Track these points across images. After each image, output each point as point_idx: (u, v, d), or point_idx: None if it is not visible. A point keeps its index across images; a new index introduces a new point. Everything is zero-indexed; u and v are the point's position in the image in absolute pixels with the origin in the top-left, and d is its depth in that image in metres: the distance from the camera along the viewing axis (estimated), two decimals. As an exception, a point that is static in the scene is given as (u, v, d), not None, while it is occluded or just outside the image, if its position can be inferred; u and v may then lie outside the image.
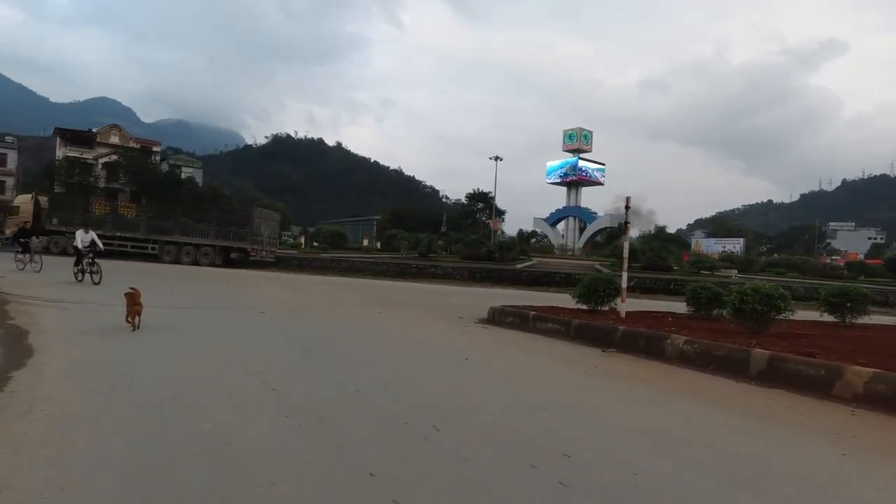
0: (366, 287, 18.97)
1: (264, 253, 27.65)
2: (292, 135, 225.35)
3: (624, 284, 9.29)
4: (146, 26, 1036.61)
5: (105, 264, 13.63)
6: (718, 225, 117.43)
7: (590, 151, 54.15)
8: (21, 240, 17.43)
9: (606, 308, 9.61)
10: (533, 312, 9.22)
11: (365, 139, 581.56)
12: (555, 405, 4.49)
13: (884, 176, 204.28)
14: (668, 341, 6.79)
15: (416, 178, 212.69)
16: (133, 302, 7.02)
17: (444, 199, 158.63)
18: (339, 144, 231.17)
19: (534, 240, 60.90)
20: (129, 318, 7.00)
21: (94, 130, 62.03)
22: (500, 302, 15.22)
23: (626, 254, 9.58)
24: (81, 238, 13.43)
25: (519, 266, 31.37)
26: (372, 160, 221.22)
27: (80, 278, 12.91)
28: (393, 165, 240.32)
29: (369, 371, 5.36)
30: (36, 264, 16.08)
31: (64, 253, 27.24)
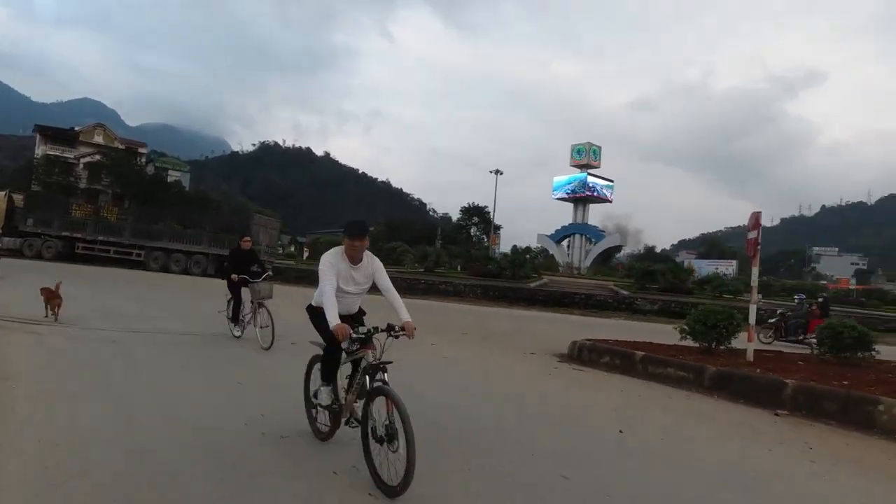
0: (385, 305, 17.00)
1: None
2: (280, 143, 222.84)
3: (752, 319, 7.50)
4: (136, 30, 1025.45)
5: (84, 270, 11.42)
6: (710, 246, 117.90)
7: (598, 167, 52.96)
8: None
9: (723, 347, 7.80)
10: (641, 353, 7.36)
11: (352, 149, 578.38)
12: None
13: (861, 203, 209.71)
14: (881, 408, 5.00)
15: (404, 190, 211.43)
16: (51, 297, 7.52)
17: (431, 213, 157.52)
18: (327, 154, 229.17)
19: (528, 256, 59.44)
20: (49, 311, 7.47)
21: (76, 129, 59.11)
22: (541, 327, 13.45)
23: (754, 281, 7.75)
24: None
25: (532, 285, 29.64)
26: (360, 171, 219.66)
27: None
28: (380, 177, 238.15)
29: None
30: None
31: (38, 256, 24.65)
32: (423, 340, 8.98)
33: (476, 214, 76.75)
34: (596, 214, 55.86)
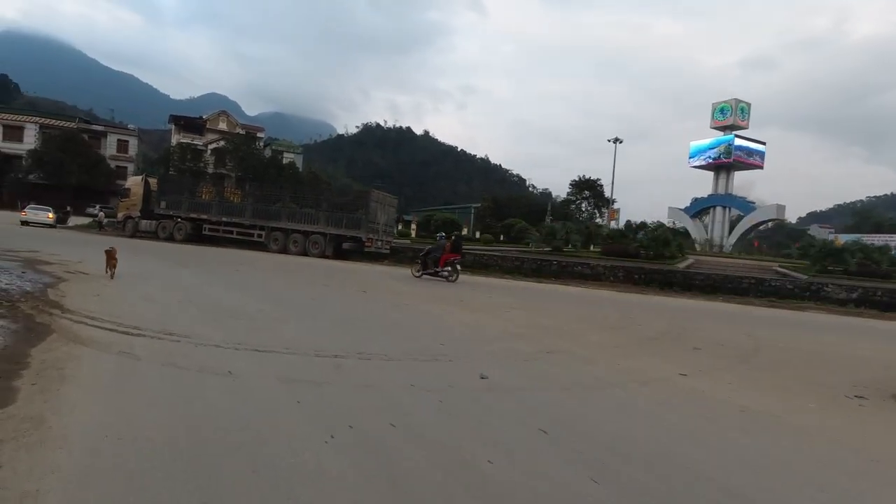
0: (536, 295, 14.08)
1: (380, 243, 23.75)
2: (381, 124, 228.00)
3: None
4: (243, 23, 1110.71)
5: (208, 253, 9.81)
6: (862, 218, 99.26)
7: (747, 128, 44.66)
8: None
9: None
10: None
11: (448, 127, 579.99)
12: None
13: None
14: None
15: (503, 166, 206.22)
16: (110, 257, 9.00)
17: (531, 189, 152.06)
18: (426, 133, 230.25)
19: (641, 233, 52.94)
20: (108, 270, 8.90)
21: (203, 117, 63.45)
22: (759, 331, 9.52)
23: None
24: None
25: (682, 266, 24.97)
26: (458, 149, 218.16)
27: None
28: (476, 153, 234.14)
29: None
30: None
31: (170, 238, 25.32)
32: (652, 367, 5.88)
33: (587, 188, 71.16)
34: (703, 184, 46.96)
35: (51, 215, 28.58)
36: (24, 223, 27.53)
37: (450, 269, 15.16)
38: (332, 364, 4.86)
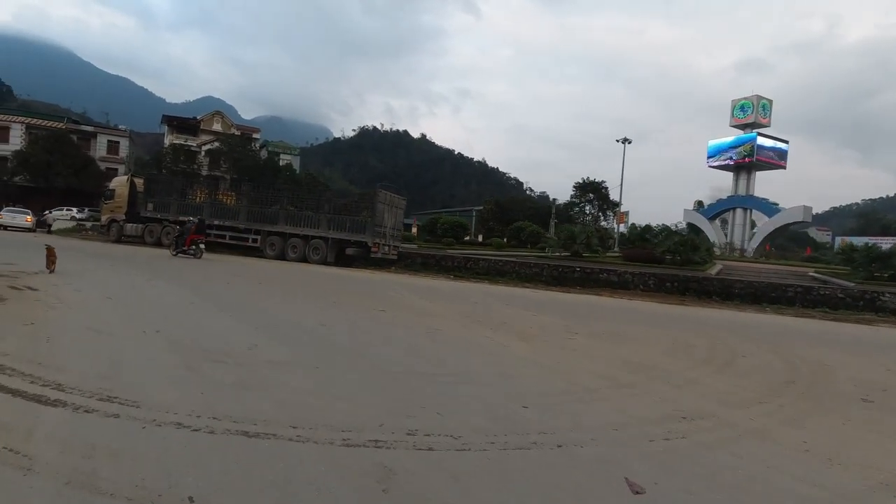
0: (576, 310, 12.08)
1: (387, 248, 21.67)
2: (378, 127, 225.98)
3: None
4: (239, 28, 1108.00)
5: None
6: (868, 221, 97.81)
7: (768, 126, 42.71)
8: None
9: None
10: None
11: (444, 130, 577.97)
12: None
13: None
14: None
15: (500, 169, 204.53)
16: (50, 254, 9.72)
17: (528, 192, 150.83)
18: (423, 136, 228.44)
19: (648, 236, 50.95)
20: (49, 267, 9.56)
21: (198, 118, 61.40)
22: (870, 364, 7.54)
23: None
24: None
25: (713, 272, 23.02)
26: (456, 152, 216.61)
27: None
28: (473, 156, 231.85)
29: None
30: None
31: (158, 243, 23.21)
32: (867, 446, 3.80)
33: (591, 191, 69.53)
34: (702, 187, 44.71)
35: (29, 218, 26.45)
36: (1, 227, 25.41)
37: (195, 247, 17.71)
38: (374, 464, 2.84)
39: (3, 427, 2.95)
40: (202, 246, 18.09)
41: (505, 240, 36.20)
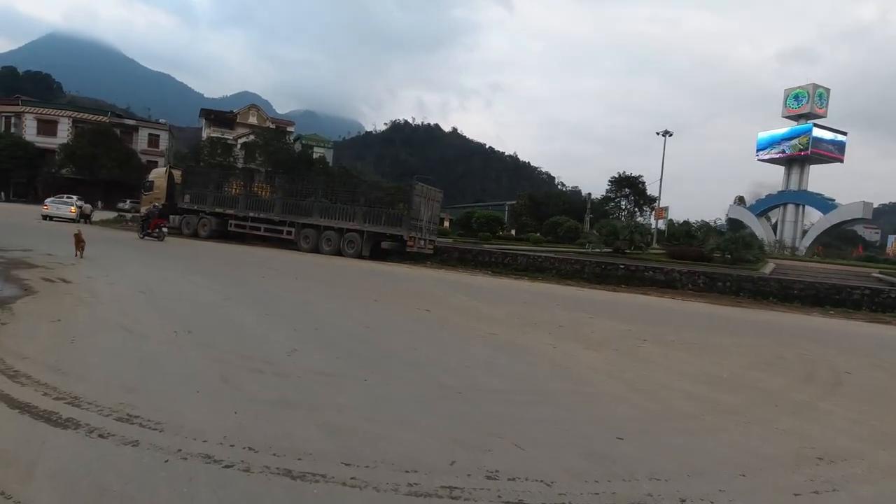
0: (629, 311, 11.18)
1: (423, 242, 21.08)
2: (410, 121, 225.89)
3: None
4: (276, 25, 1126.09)
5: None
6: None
7: (825, 116, 39.93)
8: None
9: None
10: None
11: (475, 125, 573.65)
12: None
13: None
14: None
15: (531, 164, 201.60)
16: (78, 241, 10.31)
17: (560, 186, 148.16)
18: (454, 130, 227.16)
19: (694, 233, 48.53)
20: (77, 252, 10.15)
21: (234, 111, 62.37)
22: None
23: None
24: None
25: (767, 272, 21.52)
26: (487, 146, 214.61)
27: None
28: (504, 150, 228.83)
29: None
30: None
31: (195, 235, 23.34)
32: None
33: (628, 185, 67.34)
34: (741, 183, 41.81)
35: (73, 209, 27.04)
36: (46, 217, 26.06)
37: (158, 231, 18.78)
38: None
39: (1, 458, 2.42)
40: (165, 230, 19.33)
41: (538, 235, 35.19)
